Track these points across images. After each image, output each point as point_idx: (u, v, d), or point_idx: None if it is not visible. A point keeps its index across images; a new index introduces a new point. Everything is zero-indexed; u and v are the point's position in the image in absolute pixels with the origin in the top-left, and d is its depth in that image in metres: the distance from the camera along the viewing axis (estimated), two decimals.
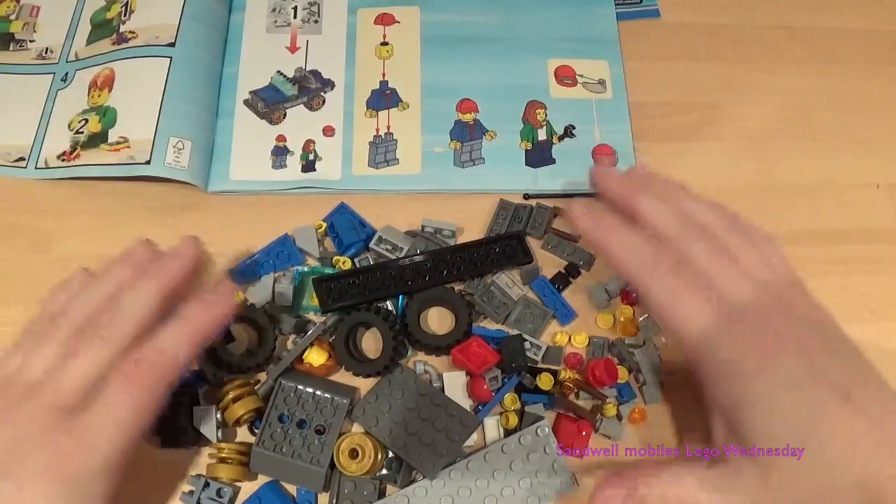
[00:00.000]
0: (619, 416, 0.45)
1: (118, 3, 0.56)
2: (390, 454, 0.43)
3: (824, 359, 0.36)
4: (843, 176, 0.54)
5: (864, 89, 0.57)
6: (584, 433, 0.43)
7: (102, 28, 0.55)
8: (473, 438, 0.43)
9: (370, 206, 0.50)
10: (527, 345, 0.45)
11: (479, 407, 0.45)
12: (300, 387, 0.44)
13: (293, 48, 0.56)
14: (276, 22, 0.57)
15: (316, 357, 0.45)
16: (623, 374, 0.45)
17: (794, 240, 0.51)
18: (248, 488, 0.43)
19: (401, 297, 0.47)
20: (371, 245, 0.48)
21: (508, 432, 0.43)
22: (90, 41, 0.55)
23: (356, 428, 0.44)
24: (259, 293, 0.47)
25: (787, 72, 0.51)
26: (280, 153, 0.52)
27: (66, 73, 0.54)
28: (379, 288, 0.46)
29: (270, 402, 0.43)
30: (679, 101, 0.56)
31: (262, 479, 0.43)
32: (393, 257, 0.48)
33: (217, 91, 0.54)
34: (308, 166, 0.52)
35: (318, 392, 0.44)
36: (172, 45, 0.53)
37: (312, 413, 0.43)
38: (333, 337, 0.45)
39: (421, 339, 0.45)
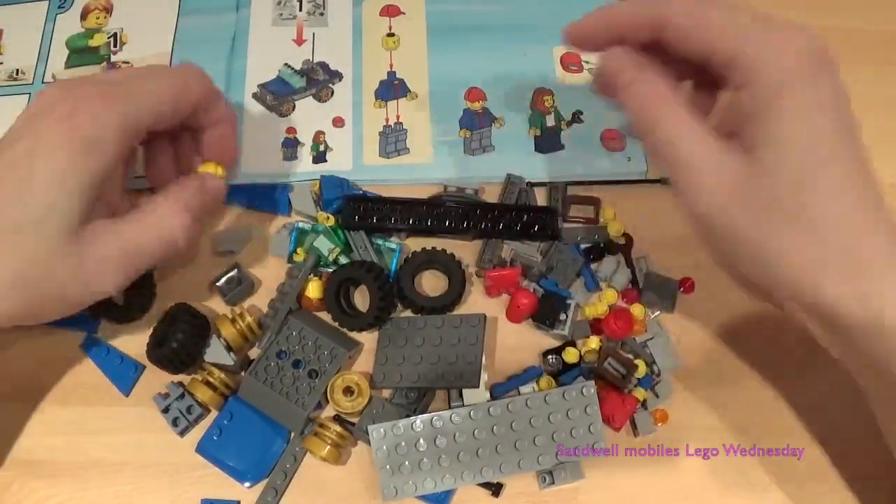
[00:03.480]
0: (645, 406, 0.45)
1: (103, 33, 0.57)
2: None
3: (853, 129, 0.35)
4: None
5: (865, 89, 0.54)
6: (626, 406, 0.43)
7: (85, 54, 0.56)
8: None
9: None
10: (562, 316, 0.46)
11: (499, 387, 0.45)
12: (306, 328, 0.45)
13: (300, 41, 0.56)
14: (281, 15, 0.57)
15: (315, 290, 0.46)
16: (641, 368, 0.45)
17: None
18: (212, 417, 0.44)
19: (397, 253, 0.48)
20: None
21: None
22: (71, 65, 0.56)
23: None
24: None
25: None
26: (290, 145, 0.52)
27: None
28: (401, 221, 0.47)
29: (273, 336, 0.44)
30: None
31: None
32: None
33: (223, 89, 0.54)
34: (319, 157, 0.52)
35: (321, 337, 0.44)
36: None
37: (311, 356, 0.44)
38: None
39: (414, 300, 0.46)
